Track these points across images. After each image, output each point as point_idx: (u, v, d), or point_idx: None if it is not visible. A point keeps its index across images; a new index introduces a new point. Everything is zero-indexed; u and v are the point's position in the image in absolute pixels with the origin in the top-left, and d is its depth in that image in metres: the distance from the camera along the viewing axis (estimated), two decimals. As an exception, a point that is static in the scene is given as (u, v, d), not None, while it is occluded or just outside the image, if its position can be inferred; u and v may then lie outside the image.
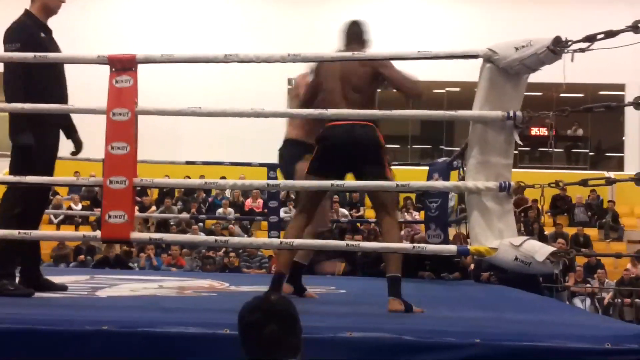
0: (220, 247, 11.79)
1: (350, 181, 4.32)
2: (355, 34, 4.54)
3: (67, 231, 13.85)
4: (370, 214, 15.47)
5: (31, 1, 4.67)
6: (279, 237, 8.36)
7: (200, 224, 14.09)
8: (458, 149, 8.64)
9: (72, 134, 4.88)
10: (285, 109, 4.43)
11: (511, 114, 3.66)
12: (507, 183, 3.66)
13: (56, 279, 5.04)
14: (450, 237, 8.16)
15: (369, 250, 9.09)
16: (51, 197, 15.82)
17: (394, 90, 4.40)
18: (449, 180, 7.52)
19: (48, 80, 4.52)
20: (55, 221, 14.97)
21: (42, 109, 4.34)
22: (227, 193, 15.76)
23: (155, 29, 19.30)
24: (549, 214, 16.09)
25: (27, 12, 4.63)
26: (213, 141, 16.90)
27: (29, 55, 4.19)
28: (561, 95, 17.24)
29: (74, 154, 4.98)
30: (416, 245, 4.14)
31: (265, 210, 10.91)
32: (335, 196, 15.28)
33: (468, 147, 3.87)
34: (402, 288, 4.10)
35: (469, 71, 5.24)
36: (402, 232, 12.45)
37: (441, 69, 16.75)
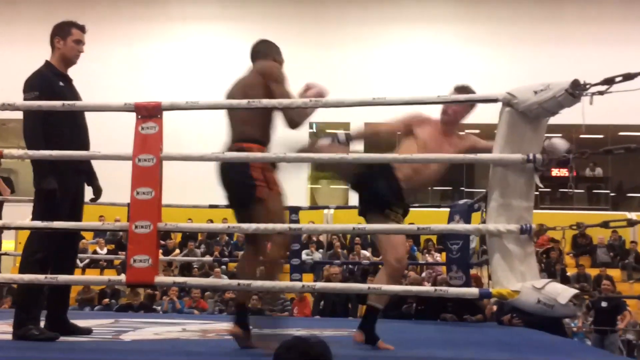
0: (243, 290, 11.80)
1: (370, 224, 4.35)
2: (259, 52, 4.50)
3: (92, 275, 13.95)
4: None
5: (51, 52, 4.82)
6: (301, 279, 8.39)
7: (223, 267, 14.12)
8: (479, 190, 8.66)
9: (92, 180, 4.98)
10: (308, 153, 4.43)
11: (531, 156, 3.68)
12: (528, 226, 3.67)
13: (81, 323, 5.08)
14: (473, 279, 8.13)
15: (392, 293, 9.08)
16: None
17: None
18: (470, 222, 7.53)
19: (67, 127, 4.62)
20: (81, 265, 15.07)
21: (68, 156, 4.44)
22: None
23: (176, 73, 19.58)
24: (571, 255, 15.98)
25: (46, 62, 4.80)
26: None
27: (57, 103, 4.30)
28: (581, 136, 17.22)
29: (93, 200, 5.08)
30: (438, 288, 4.14)
31: (287, 253, 10.92)
32: (357, 238, 15.29)
33: (488, 190, 3.90)
34: (425, 331, 4.11)
35: (488, 113, 5.28)
36: (424, 274, 12.42)
37: (461, 111, 16.83)
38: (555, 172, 17.86)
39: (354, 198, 20.12)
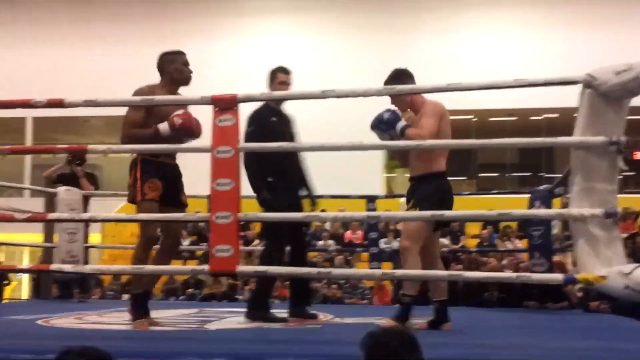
0: (323, 278, 11.87)
1: (449, 211, 4.32)
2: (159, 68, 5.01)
3: (176, 265, 14.24)
4: (470, 243, 15.31)
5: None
6: (379, 268, 8.39)
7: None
8: (558, 175, 8.49)
9: (309, 192, 5.88)
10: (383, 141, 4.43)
11: (614, 139, 3.59)
12: (613, 209, 3.59)
13: (166, 312, 5.23)
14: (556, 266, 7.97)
15: (471, 280, 9.03)
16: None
17: None
18: (550, 207, 7.39)
19: (282, 158, 5.32)
20: (165, 256, 15.45)
21: (152, 149, 4.61)
22: (327, 225, 15.87)
23: (251, 67, 19.77)
24: (659, 239, 15.50)
25: (265, 103, 5.57)
26: (312, 174, 17.08)
27: (137, 99, 4.49)
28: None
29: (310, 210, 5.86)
30: (520, 274, 4.08)
31: (366, 242, 10.95)
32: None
33: (571, 174, 3.82)
34: (507, 318, 4.06)
35: (567, 96, 5.17)
36: (505, 261, 12.24)
37: (539, 95, 16.48)
38: (639, 155, 17.38)
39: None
